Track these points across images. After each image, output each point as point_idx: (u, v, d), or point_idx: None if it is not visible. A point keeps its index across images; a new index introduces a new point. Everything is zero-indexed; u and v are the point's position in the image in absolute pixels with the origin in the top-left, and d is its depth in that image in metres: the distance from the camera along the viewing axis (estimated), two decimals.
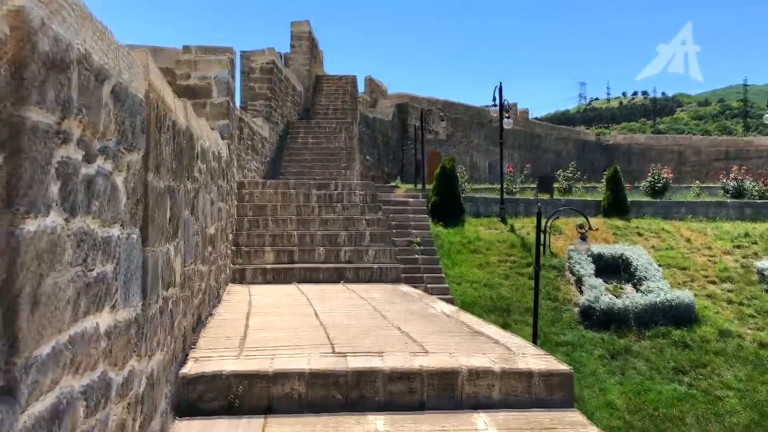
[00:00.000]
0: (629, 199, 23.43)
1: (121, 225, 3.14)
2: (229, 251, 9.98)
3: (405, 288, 9.83)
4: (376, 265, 10.46)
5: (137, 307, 3.42)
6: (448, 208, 20.31)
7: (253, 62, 21.44)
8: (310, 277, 10.15)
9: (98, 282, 2.77)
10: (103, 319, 2.87)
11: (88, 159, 2.64)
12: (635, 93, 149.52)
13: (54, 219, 2.26)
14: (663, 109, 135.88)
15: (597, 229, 18.25)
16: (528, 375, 4.80)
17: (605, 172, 26.18)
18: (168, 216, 4.26)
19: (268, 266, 10.25)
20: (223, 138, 10.33)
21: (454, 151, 49.82)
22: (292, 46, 27.70)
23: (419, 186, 36.37)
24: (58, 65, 2.25)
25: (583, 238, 13.90)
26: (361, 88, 44.40)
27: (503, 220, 21.04)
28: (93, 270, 2.69)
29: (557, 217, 15.28)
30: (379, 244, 11.24)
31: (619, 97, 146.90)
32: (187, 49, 11.98)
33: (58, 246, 2.29)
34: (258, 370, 4.68)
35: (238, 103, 20.32)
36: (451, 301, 15.71)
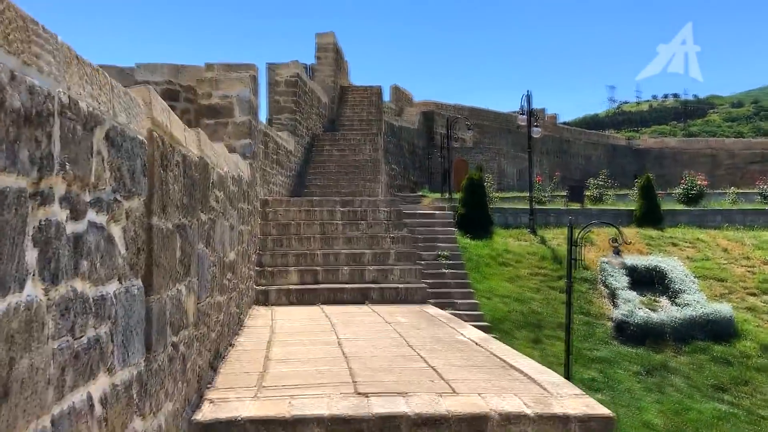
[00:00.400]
0: (663, 208, 22.79)
1: (119, 279, 2.89)
2: (252, 272, 9.78)
3: (432, 310, 9.51)
4: (401, 285, 10.16)
5: (139, 364, 3.17)
6: (476, 219, 19.94)
7: (277, 75, 21.34)
8: (334, 298, 9.89)
9: (89, 348, 2.52)
10: (97, 386, 2.62)
11: (76, 215, 2.39)
12: (665, 95, 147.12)
13: (30, 292, 2.01)
14: (694, 111, 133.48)
15: (631, 243, 17.66)
16: (564, 420, 4.45)
17: (637, 180, 25.54)
18: (178, 255, 4.02)
19: (292, 287, 10.02)
20: (245, 158, 10.14)
21: (482, 158, 49.30)
22: (317, 58, 27.60)
23: (446, 195, 36.04)
24: (34, 120, 2.01)
25: (617, 252, 13.44)
26: (386, 96, 44.26)
27: (533, 232, 20.59)
28: (83, 337, 2.45)
29: (590, 230, 14.80)
30: (405, 262, 10.95)
31: (648, 100, 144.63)
32: (209, 66, 11.84)
33: (35, 322, 2.04)
34: (276, 416, 4.41)
35: (264, 117, 20.24)
36: (480, 318, 15.34)
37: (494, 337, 15.41)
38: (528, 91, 20.95)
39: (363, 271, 10.53)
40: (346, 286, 10.16)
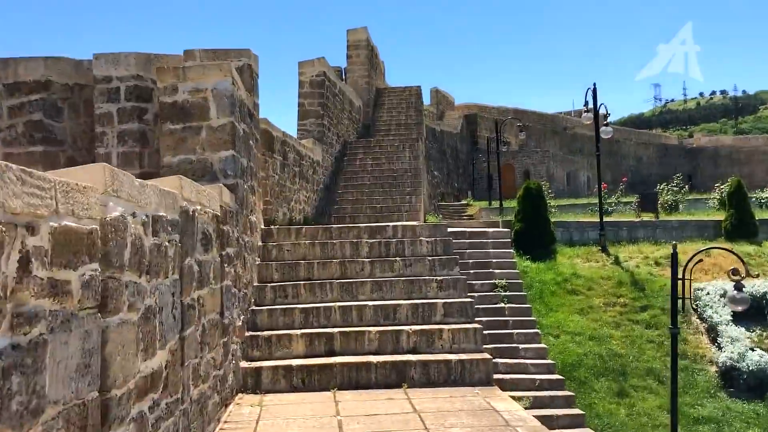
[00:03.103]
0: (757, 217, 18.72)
1: None
2: (235, 347, 6.48)
3: (501, 404, 6.07)
4: (454, 357, 6.72)
5: None
6: (535, 236, 16.37)
7: (301, 75, 18.16)
8: (356, 379, 6.54)
9: None
10: None
11: None
12: (713, 92, 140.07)
13: None
14: (745, 107, 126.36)
15: (757, 275, 13.74)
16: None
17: (722, 185, 21.57)
18: None
19: (295, 362, 6.65)
20: (226, 176, 6.89)
21: (529, 161, 45.40)
22: (348, 57, 24.36)
23: (494, 204, 32.31)
24: None
25: (739, 288, 9.71)
26: (426, 100, 40.82)
27: (604, 250, 16.87)
28: None
29: (700, 260, 11.06)
30: (458, 318, 7.53)
31: (696, 98, 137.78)
32: (189, 54, 8.67)
33: None
34: None
35: (283, 124, 17.07)
36: (550, 370, 11.78)
37: (569, 395, 11.87)
38: (593, 84, 17.28)
39: (398, 334, 7.12)
40: (374, 359, 6.77)
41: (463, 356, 6.90)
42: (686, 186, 24.60)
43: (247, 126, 7.97)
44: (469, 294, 8.55)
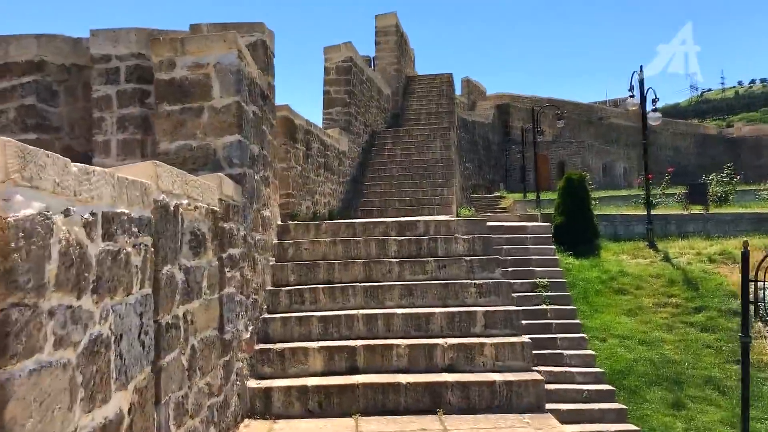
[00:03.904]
0: None
1: None
2: (236, 369, 5.47)
3: None
4: (498, 377, 5.60)
5: None
6: (578, 231, 15.12)
7: (327, 61, 17.11)
8: (383, 403, 5.48)
9: None
10: None
11: None
12: (752, 81, 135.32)
13: None
14: None
15: None
16: None
17: None
18: None
19: (311, 382, 5.63)
20: (231, 166, 5.87)
21: (564, 152, 43.82)
22: (377, 43, 23.22)
23: (529, 196, 30.92)
24: None
25: None
26: (457, 90, 39.47)
27: (652, 245, 15.52)
28: None
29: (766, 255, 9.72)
30: (502, 330, 6.41)
31: (734, 87, 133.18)
32: (196, 29, 7.68)
33: None
34: None
35: (309, 114, 16.09)
36: (599, 379, 10.60)
37: (621, 408, 10.65)
38: (640, 67, 15.89)
39: (432, 348, 6.03)
40: (404, 378, 5.70)
41: (509, 376, 5.78)
42: (738, 177, 22.92)
43: (258, 108, 6.95)
44: (520, 335, 7.26)
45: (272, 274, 7.14)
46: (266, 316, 6.48)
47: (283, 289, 6.86)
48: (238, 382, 5.41)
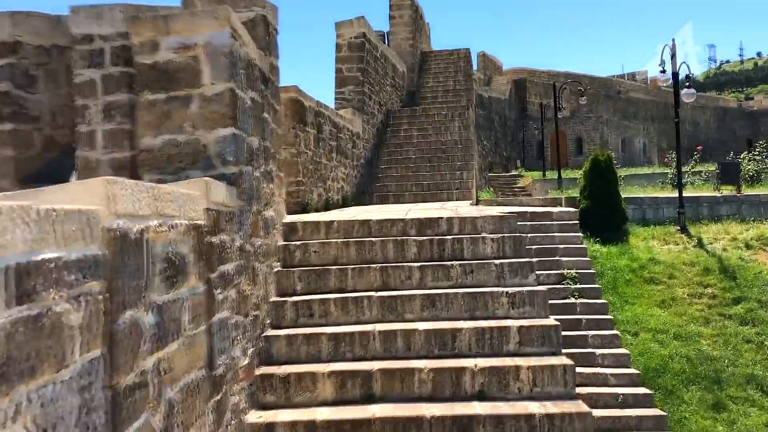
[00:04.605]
0: None
1: None
2: (230, 405, 4.62)
3: None
4: (537, 408, 4.71)
5: None
6: (605, 216, 14.11)
7: (339, 37, 16.08)
8: None
9: None
10: None
11: None
12: None
13: None
14: None
15: None
16: None
17: None
18: None
19: (321, 414, 4.76)
20: (225, 164, 4.99)
21: (582, 128, 42.45)
22: (391, 17, 22.08)
23: (548, 175, 29.75)
24: None
25: None
26: (473, 65, 38.14)
27: (684, 230, 14.49)
28: None
29: None
30: (539, 348, 5.51)
31: (753, 58, 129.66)
32: (188, 3, 6.73)
33: None
34: None
35: (320, 93, 15.14)
36: (634, 381, 9.72)
37: (661, 415, 9.75)
38: (672, 41, 14.70)
39: (460, 373, 5.14)
40: (427, 410, 4.83)
41: (550, 407, 4.90)
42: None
43: (258, 94, 6.02)
44: (561, 358, 6.12)
45: (277, 281, 6.28)
46: (269, 333, 5.63)
47: (289, 300, 5.99)
48: (233, 421, 4.58)
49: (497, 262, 6.32)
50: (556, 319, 7.96)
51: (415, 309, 5.93)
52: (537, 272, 10.63)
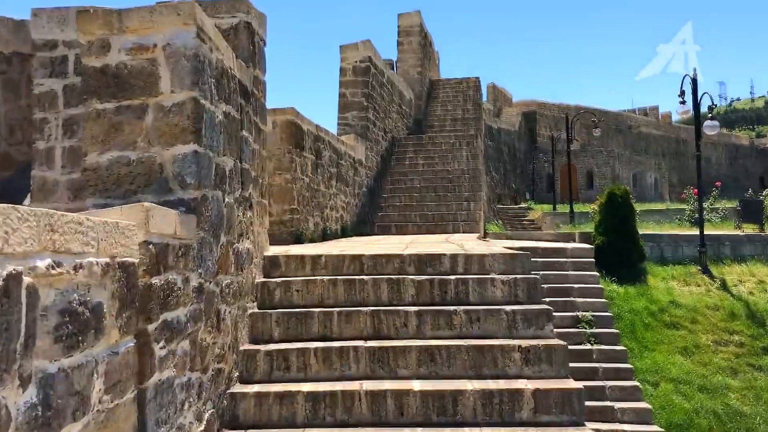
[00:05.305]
0: None
1: None
2: None
3: None
4: None
5: None
6: (621, 253, 13.14)
7: (343, 60, 15.39)
8: None
9: None
10: None
11: None
12: None
13: None
14: None
15: None
16: None
17: None
18: None
19: None
20: (184, 187, 4.13)
21: (592, 161, 41.60)
22: (399, 44, 21.47)
23: (559, 208, 28.83)
24: None
25: None
26: (483, 96, 37.55)
27: (706, 271, 13.50)
28: None
29: None
30: (558, 416, 4.57)
31: (764, 96, 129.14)
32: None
33: None
34: None
35: (322, 119, 14.41)
36: None
37: None
38: (694, 70, 13.90)
39: None
40: None
41: None
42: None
43: (235, 109, 5.20)
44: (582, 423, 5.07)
45: (251, 326, 5.37)
46: (236, 390, 4.70)
47: (262, 348, 5.07)
48: None
49: (508, 308, 5.39)
50: (574, 368, 6.99)
51: (411, 364, 4.99)
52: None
